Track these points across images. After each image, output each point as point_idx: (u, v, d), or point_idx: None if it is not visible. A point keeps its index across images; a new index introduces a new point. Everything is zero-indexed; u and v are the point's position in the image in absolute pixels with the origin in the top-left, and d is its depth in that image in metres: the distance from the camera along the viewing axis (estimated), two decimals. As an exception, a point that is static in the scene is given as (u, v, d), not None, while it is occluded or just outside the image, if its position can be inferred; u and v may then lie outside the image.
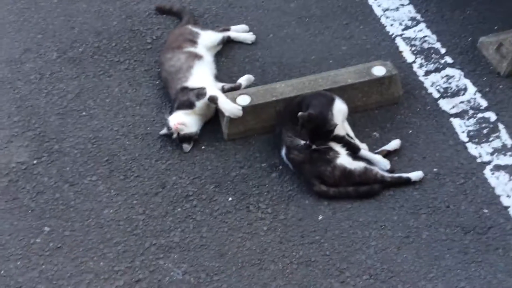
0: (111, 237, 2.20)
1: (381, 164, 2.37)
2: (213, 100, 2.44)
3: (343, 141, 2.37)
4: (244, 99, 2.47)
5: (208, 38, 2.82)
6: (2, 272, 2.12)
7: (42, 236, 2.22)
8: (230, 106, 2.42)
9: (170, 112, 2.54)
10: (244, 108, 2.44)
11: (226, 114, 2.43)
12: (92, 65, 2.91)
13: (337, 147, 2.36)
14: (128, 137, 2.57)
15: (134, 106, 2.70)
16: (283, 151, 2.37)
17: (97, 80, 2.84)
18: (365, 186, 2.30)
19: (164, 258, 2.14)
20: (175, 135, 2.44)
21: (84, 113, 2.68)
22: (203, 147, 2.52)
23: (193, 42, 2.77)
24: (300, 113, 2.24)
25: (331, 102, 2.34)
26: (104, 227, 2.24)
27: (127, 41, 3.03)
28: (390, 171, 2.36)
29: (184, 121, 2.45)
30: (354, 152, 2.38)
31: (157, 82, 2.80)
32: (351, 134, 2.47)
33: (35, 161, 2.48)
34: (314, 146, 2.28)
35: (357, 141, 2.44)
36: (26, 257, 2.15)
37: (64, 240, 2.20)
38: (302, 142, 2.27)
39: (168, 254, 2.15)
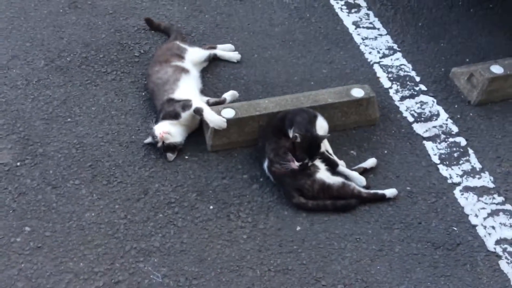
0: (91, 239, 2.22)
1: (358, 181, 2.47)
2: (198, 111, 2.52)
3: (322, 156, 2.46)
4: (229, 112, 2.56)
5: (195, 54, 2.92)
6: (-21, 269, 2.10)
7: (23, 235, 2.22)
8: (215, 118, 2.50)
9: (156, 122, 2.60)
10: (228, 121, 2.52)
11: (211, 125, 2.51)
12: (79, 74, 2.96)
13: (317, 162, 2.45)
14: (113, 144, 2.61)
15: (119, 115, 2.75)
16: (265, 164, 2.45)
17: (84, 89, 2.88)
18: (342, 201, 2.39)
19: (144, 262, 2.16)
20: (160, 144, 2.50)
21: (69, 120, 2.72)
22: (186, 157, 2.58)
23: (181, 57, 2.86)
24: (293, 136, 2.30)
25: (313, 118, 2.45)
26: (85, 229, 2.26)
27: (115, 53, 3.10)
28: (366, 187, 2.46)
29: (169, 130, 2.51)
30: (332, 167, 2.47)
31: (143, 94, 2.87)
32: (330, 150, 2.57)
33: (18, 163, 2.49)
34: (311, 163, 2.35)
35: (335, 158, 2.54)
36: (5, 255, 2.15)
37: (45, 241, 2.20)
38: (297, 164, 2.32)
39: (148, 258, 2.18)
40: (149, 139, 2.56)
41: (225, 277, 2.14)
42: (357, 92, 2.71)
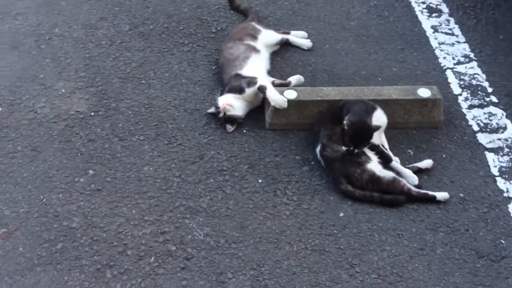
0: (146, 191, 2.37)
1: (410, 179, 2.45)
2: (262, 89, 2.61)
3: (377, 149, 2.47)
4: (291, 93, 2.63)
5: (268, 36, 3.01)
6: (44, 200, 2.31)
7: (86, 177, 2.41)
8: (277, 97, 2.57)
9: (221, 94, 2.72)
10: (290, 102, 2.59)
11: (272, 104, 2.59)
12: (158, 42, 3.14)
13: (370, 153, 2.47)
14: (178, 109, 2.76)
15: (188, 83, 2.90)
16: (318, 148, 2.50)
17: (160, 56, 3.06)
18: (390, 195, 2.39)
19: (190, 219, 2.28)
20: (221, 115, 2.62)
21: (143, 81, 2.90)
22: (244, 131, 2.68)
23: (254, 37, 2.96)
24: (345, 121, 2.35)
25: (372, 110, 2.46)
26: (142, 181, 2.41)
27: (194, 27, 3.25)
28: (417, 186, 2.45)
29: (232, 103, 2.62)
30: (386, 162, 2.48)
31: (214, 67, 3.00)
32: (386, 146, 2.58)
33: (92, 113, 2.70)
34: (356, 151, 2.38)
35: (390, 153, 2.54)
36: (68, 192, 2.35)
37: (105, 185, 2.38)
38: (344, 148, 2.37)
39: (195, 216, 2.30)
40: (212, 109, 2.68)
41: (263, 246, 2.21)
42: (424, 92, 2.69)
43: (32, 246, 2.15)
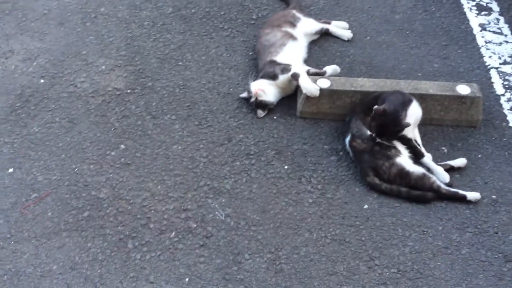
0: (173, 168, 2.42)
1: (441, 176, 2.38)
2: (295, 76, 2.59)
3: (409, 143, 2.42)
4: (324, 82, 2.60)
5: (307, 25, 2.99)
6: (76, 169, 2.40)
7: (117, 151, 2.48)
8: (309, 85, 2.56)
9: (254, 79, 2.73)
10: (322, 91, 2.57)
11: (304, 91, 2.57)
12: (198, 26, 3.18)
13: (401, 147, 2.41)
14: (212, 92, 2.79)
15: (224, 67, 2.93)
16: (348, 138, 2.47)
17: (199, 39, 3.10)
18: (418, 191, 2.33)
19: (213, 199, 2.31)
20: (253, 99, 2.62)
21: (180, 63, 2.95)
22: (275, 117, 2.68)
23: (293, 24, 2.95)
24: (375, 106, 2.32)
25: (408, 102, 2.40)
26: (170, 158, 2.46)
27: (235, 13, 3.27)
28: (448, 185, 2.37)
29: (264, 88, 2.62)
30: (417, 157, 2.42)
31: (250, 53, 3.01)
32: (419, 141, 2.51)
33: (128, 91, 2.77)
34: (378, 140, 2.35)
35: (422, 149, 2.48)
36: (98, 164, 2.43)
37: (134, 160, 2.45)
38: (368, 132, 2.35)
39: (218, 196, 2.32)
40: (244, 94, 2.70)
41: (283, 231, 2.21)
42: (463, 89, 2.60)
43: (60, 212, 2.24)
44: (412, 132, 2.46)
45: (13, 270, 2.05)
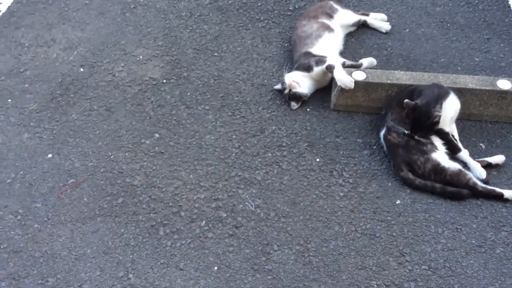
0: (205, 158, 2.45)
1: (477, 172, 2.32)
2: (330, 68, 2.57)
3: (446, 137, 2.36)
4: (360, 75, 2.56)
5: (344, 16, 2.95)
6: (112, 156, 2.47)
7: (152, 140, 2.53)
8: (344, 77, 2.53)
9: (289, 71, 2.72)
10: (357, 83, 2.53)
11: (339, 84, 2.54)
12: (235, 17, 3.19)
13: (437, 142, 2.36)
14: (246, 83, 2.80)
15: (259, 59, 2.93)
16: (383, 132, 2.43)
17: (235, 30, 3.11)
18: (453, 188, 2.28)
19: (243, 189, 2.33)
20: (286, 91, 2.62)
21: (216, 54, 2.97)
22: (308, 110, 2.66)
23: (330, 16, 2.91)
24: (406, 100, 2.28)
25: (445, 94, 2.34)
26: (203, 148, 2.49)
27: (272, 4, 3.26)
28: (485, 182, 2.31)
29: (299, 80, 2.61)
30: (454, 152, 2.36)
31: (286, 45, 3.00)
32: (456, 136, 2.45)
33: (164, 81, 2.81)
34: (416, 137, 2.30)
35: (459, 144, 2.42)
36: (133, 152, 2.48)
37: (167, 148, 2.49)
38: (404, 130, 2.31)
39: (248, 187, 2.34)
40: (278, 86, 2.69)
41: (312, 224, 2.21)
42: (504, 84, 2.51)
43: (96, 197, 2.30)
44: (450, 126, 2.40)
45: (49, 252, 2.13)
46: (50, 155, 2.48)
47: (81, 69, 2.88)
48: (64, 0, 3.31)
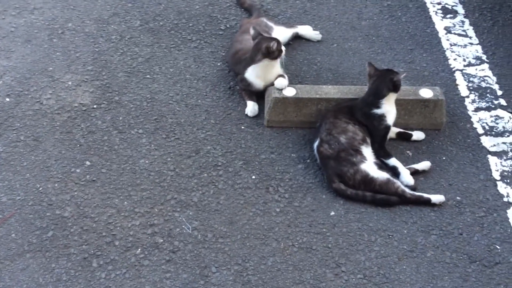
0: (140, 183, 2.42)
1: (405, 179, 2.41)
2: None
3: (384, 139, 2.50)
4: (290, 91, 2.62)
5: (280, 32, 3.01)
6: (40, 188, 2.39)
7: (82, 168, 2.47)
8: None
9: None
10: (288, 99, 2.59)
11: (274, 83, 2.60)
12: (167, 38, 3.19)
13: (366, 153, 2.44)
14: (180, 104, 2.79)
15: (192, 79, 2.94)
16: (316, 143, 2.49)
17: (167, 51, 3.10)
18: (382, 195, 2.36)
19: (180, 212, 2.31)
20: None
21: (148, 76, 2.95)
22: (242, 127, 2.69)
23: (267, 34, 2.96)
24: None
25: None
26: (137, 173, 2.46)
27: (203, 24, 3.28)
28: (413, 188, 2.40)
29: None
30: (385, 157, 2.45)
31: (219, 64, 3.02)
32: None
33: (95, 106, 2.76)
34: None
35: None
36: (63, 182, 2.41)
37: (100, 176, 2.44)
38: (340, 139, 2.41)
39: (185, 209, 2.32)
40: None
41: (250, 242, 2.22)
42: (425, 93, 2.64)
43: (24, 233, 2.22)
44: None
45: (-23, 293, 2.03)
46: (-25, 191, 2.37)
47: (7, 99, 2.79)
48: (-13, 28, 3.20)
